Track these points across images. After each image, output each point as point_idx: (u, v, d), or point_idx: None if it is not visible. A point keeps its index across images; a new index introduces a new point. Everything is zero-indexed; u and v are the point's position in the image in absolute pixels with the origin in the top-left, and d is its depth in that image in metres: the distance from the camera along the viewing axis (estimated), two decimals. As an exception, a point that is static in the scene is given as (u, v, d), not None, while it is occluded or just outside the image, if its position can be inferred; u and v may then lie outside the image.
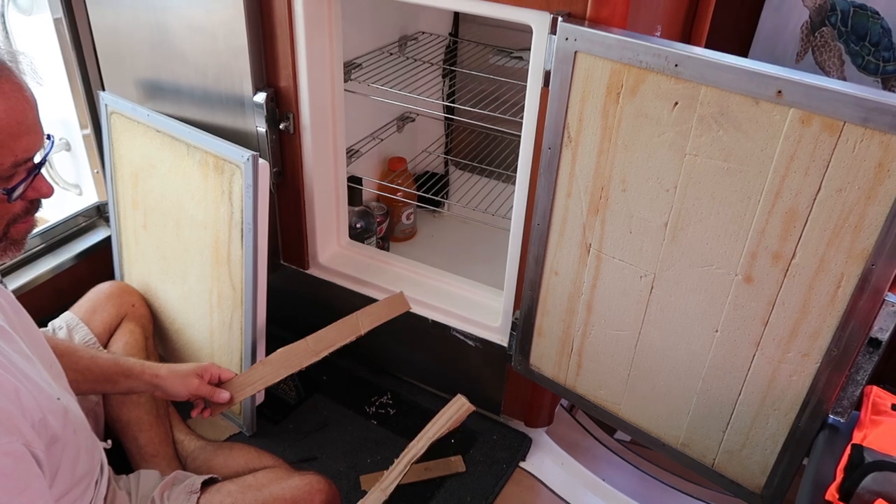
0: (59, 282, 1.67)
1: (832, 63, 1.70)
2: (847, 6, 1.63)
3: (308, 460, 1.54)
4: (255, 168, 1.28)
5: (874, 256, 0.92)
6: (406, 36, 1.93)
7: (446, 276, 1.62)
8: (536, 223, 1.27)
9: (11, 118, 0.78)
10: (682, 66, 0.98)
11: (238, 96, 1.43)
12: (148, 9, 1.43)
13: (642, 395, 1.29)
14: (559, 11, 1.09)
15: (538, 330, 1.38)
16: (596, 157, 1.14)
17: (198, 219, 1.41)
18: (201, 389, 1.19)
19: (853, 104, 0.87)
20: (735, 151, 0.99)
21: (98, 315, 1.42)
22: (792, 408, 1.09)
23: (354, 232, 1.83)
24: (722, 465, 1.23)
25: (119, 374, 1.16)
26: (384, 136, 1.96)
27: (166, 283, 1.54)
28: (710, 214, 1.05)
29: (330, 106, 1.50)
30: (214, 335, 1.49)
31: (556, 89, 1.13)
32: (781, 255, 1.00)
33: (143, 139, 1.46)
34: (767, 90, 0.92)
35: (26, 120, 0.80)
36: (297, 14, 1.33)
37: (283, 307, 1.63)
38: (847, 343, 0.99)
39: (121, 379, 1.16)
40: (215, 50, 1.40)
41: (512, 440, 1.61)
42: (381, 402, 1.69)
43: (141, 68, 1.53)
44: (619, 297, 1.22)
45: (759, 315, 1.07)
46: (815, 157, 0.92)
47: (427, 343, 1.60)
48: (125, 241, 1.62)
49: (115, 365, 1.17)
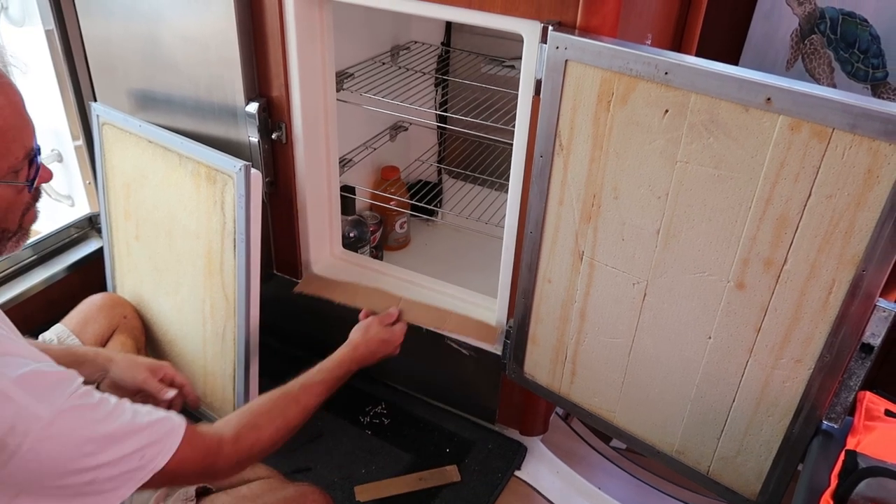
0: (50, 293, 1.66)
1: (822, 70, 1.71)
2: (836, 14, 1.64)
3: (302, 471, 1.53)
4: (247, 178, 1.28)
5: (865, 262, 0.93)
6: (398, 45, 1.93)
7: (440, 285, 1.62)
8: (529, 231, 1.27)
9: (15, 112, 0.81)
10: (672, 74, 0.99)
11: (230, 106, 1.43)
12: (140, 20, 1.43)
13: (637, 403, 1.28)
14: (549, 20, 1.10)
15: (532, 338, 1.38)
16: (588, 164, 1.14)
17: (190, 229, 1.41)
18: (148, 383, 1.20)
19: (841, 111, 0.87)
20: (726, 158, 1.00)
21: (90, 327, 1.42)
22: (786, 414, 1.10)
23: (348, 241, 1.83)
24: (717, 473, 1.23)
25: (73, 362, 1.13)
26: (377, 146, 1.96)
27: (159, 293, 1.54)
28: (701, 221, 1.06)
29: (322, 116, 1.50)
30: (207, 346, 1.48)
31: (548, 97, 1.13)
32: (773, 261, 1.01)
33: (135, 150, 1.46)
34: (757, 97, 0.93)
35: (24, 111, 0.83)
36: (289, 24, 1.33)
37: (276, 317, 1.62)
38: (839, 349, 1.00)
39: (74, 366, 1.14)
40: (207, 60, 1.40)
41: (507, 449, 1.61)
42: (375, 412, 1.69)
43: (133, 79, 1.53)
44: (612, 304, 1.23)
45: (752, 321, 1.07)
46: (804, 164, 0.93)
47: (421, 352, 1.60)
48: (117, 252, 1.62)
49: (68, 354, 1.18)
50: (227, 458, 0.97)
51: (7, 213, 0.85)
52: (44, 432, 0.76)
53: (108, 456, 0.80)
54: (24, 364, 0.79)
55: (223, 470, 0.99)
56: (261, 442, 1.02)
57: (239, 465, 1.00)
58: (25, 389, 0.77)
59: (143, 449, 0.83)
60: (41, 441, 0.75)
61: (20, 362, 0.79)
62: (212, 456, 0.94)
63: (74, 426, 0.78)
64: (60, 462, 0.77)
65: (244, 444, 0.99)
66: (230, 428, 0.99)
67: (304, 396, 1.13)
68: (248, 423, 1.02)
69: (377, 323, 1.38)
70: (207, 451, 0.94)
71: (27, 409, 0.76)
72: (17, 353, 0.81)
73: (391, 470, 1.55)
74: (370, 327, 1.36)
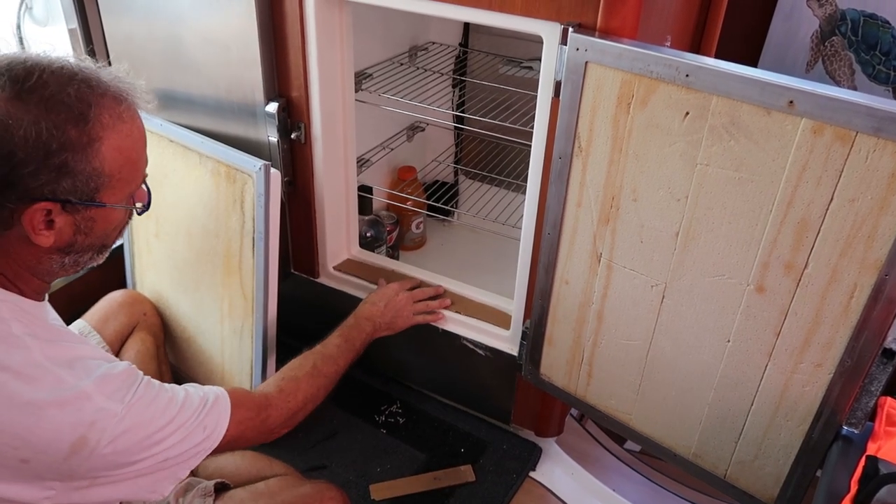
0: (71, 289, 1.68)
1: (843, 72, 1.70)
2: (857, 16, 1.63)
3: (318, 469, 1.54)
4: (266, 177, 1.29)
5: (887, 267, 0.92)
6: (416, 46, 1.94)
7: (456, 285, 1.62)
8: (547, 232, 1.27)
9: (143, 144, 0.91)
10: (693, 77, 0.99)
11: (250, 106, 1.44)
12: (162, 20, 1.44)
13: (653, 406, 1.28)
14: (570, 22, 1.09)
15: (548, 339, 1.38)
16: (606, 166, 1.14)
17: (210, 228, 1.42)
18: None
19: (865, 114, 0.87)
20: (746, 161, 0.99)
21: (110, 323, 1.44)
22: (805, 418, 1.09)
23: (364, 241, 1.84)
24: (734, 476, 1.23)
25: None
26: (394, 146, 1.97)
27: (178, 291, 1.55)
28: (721, 224, 1.05)
29: (341, 116, 1.51)
30: (225, 344, 1.50)
31: (567, 99, 1.13)
32: (794, 265, 1.00)
33: (156, 149, 1.47)
34: (779, 100, 0.92)
35: (145, 140, 0.92)
36: (309, 26, 1.34)
37: (293, 315, 1.63)
38: (860, 353, 0.99)
39: None
40: (228, 61, 1.41)
41: (522, 450, 1.61)
42: (390, 411, 1.69)
43: (154, 79, 1.55)
44: (629, 306, 1.22)
45: (772, 325, 1.06)
46: (827, 168, 0.92)
47: (437, 352, 1.60)
48: (137, 249, 1.63)
49: None
50: (278, 410, 1.09)
51: (114, 231, 0.93)
52: (118, 427, 0.83)
53: (176, 437, 0.89)
54: (98, 366, 0.86)
55: (278, 422, 1.10)
56: (302, 391, 1.14)
57: (291, 415, 1.12)
58: (101, 389, 0.84)
59: (203, 421, 0.93)
60: (116, 435, 0.83)
61: (94, 364, 0.86)
62: (264, 411, 1.06)
63: (143, 417, 0.87)
64: (135, 451, 0.85)
65: (289, 395, 1.12)
66: (270, 386, 1.13)
67: (332, 353, 1.29)
68: (286, 377, 1.16)
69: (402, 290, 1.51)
70: (259, 407, 1.05)
71: (104, 407, 0.83)
72: (90, 356, 0.88)
73: (406, 469, 1.55)
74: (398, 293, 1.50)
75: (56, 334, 0.89)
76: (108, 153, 0.84)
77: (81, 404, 0.82)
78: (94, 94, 0.83)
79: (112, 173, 0.85)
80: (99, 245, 0.92)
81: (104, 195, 0.86)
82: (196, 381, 1.61)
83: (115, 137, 0.84)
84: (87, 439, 0.81)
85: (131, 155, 0.88)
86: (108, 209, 0.88)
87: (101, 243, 0.92)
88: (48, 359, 0.83)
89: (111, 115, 0.84)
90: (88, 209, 0.86)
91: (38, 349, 0.83)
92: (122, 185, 0.88)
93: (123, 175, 0.87)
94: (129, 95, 0.88)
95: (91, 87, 0.83)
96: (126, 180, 0.88)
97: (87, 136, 0.81)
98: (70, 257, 0.90)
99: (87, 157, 0.82)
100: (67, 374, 0.83)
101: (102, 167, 0.84)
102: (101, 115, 0.83)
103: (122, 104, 0.86)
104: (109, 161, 0.84)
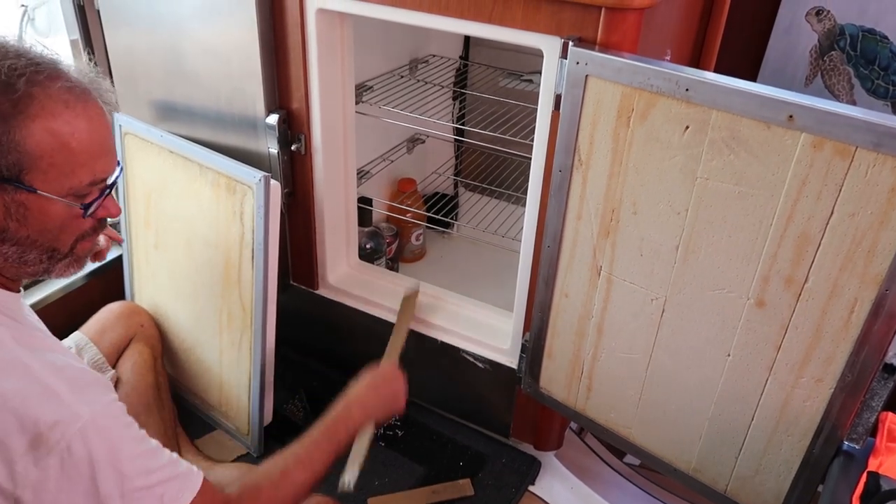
0: (69, 301, 1.68)
1: (841, 87, 1.70)
2: (856, 31, 1.64)
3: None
4: (266, 189, 1.29)
5: (888, 281, 0.92)
6: (417, 59, 1.95)
7: (456, 298, 1.62)
8: (547, 245, 1.27)
9: (93, 139, 0.84)
10: (692, 91, 0.99)
11: (251, 118, 1.45)
12: (163, 31, 1.45)
13: (653, 420, 1.27)
14: (570, 36, 1.10)
15: (548, 352, 1.38)
16: (606, 180, 1.14)
17: (209, 239, 1.42)
18: None
19: (865, 129, 0.87)
20: (746, 175, 0.99)
21: (107, 335, 1.43)
22: (806, 434, 1.08)
23: (364, 252, 1.84)
24: (734, 492, 1.22)
25: None
26: (394, 158, 1.97)
27: (176, 302, 1.55)
28: (721, 238, 1.05)
29: (341, 128, 1.51)
30: (223, 355, 1.49)
31: (567, 113, 1.13)
32: (794, 279, 1.00)
33: (156, 160, 1.48)
34: (779, 115, 0.93)
35: (106, 142, 0.87)
36: (311, 38, 1.35)
37: (292, 327, 1.63)
38: (861, 368, 0.98)
39: None
40: (229, 72, 1.41)
41: (521, 463, 1.60)
42: (389, 424, 1.68)
43: (155, 90, 1.55)
44: (629, 320, 1.22)
45: (772, 339, 1.06)
46: (827, 182, 0.92)
47: (436, 364, 1.59)
48: (136, 260, 1.63)
49: None
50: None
51: (60, 232, 0.87)
52: (83, 432, 0.80)
53: (144, 476, 0.84)
54: (64, 360, 0.84)
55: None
56: (262, 502, 0.99)
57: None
58: (68, 384, 0.81)
59: (167, 482, 0.87)
60: (79, 440, 0.79)
61: (60, 358, 0.84)
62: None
63: (113, 434, 0.83)
64: (101, 465, 0.80)
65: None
66: (234, 486, 0.98)
67: (309, 453, 1.08)
68: (250, 482, 1.00)
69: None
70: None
71: (69, 407, 0.80)
72: (56, 350, 0.86)
73: (404, 482, 1.54)
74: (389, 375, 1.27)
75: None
76: (38, 133, 0.79)
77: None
78: (34, 73, 0.80)
79: (39, 154, 0.80)
80: (47, 245, 0.87)
81: (33, 178, 0.81)
82: (195, 393, 1.62)
83: (52, 120, 0.80)
84: (46, 438, 0.78)
85: (69, 143, 0.82)
86: (41, 198, 0.82)
87: (47, 243, 0.86)
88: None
89: (52, 99, 0.80)
90: (18, 192, 0.81)
91: None
92: (55, 173, 0.82)
93: (56, 161, 0.81)
94: (86, 89, 0.84)
95: (37, 67, 0.80)
96: (61, 169, 0.82)
97: (11, 106, 0.78)
98: (8, 247, 0.84)
99: (7, 128, 0.78)
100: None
101: (25, 143, 0.79)
102: (36, 92, 0.79)
103: (71, 92, 0.82)
104: (37, 140, 0.79)
